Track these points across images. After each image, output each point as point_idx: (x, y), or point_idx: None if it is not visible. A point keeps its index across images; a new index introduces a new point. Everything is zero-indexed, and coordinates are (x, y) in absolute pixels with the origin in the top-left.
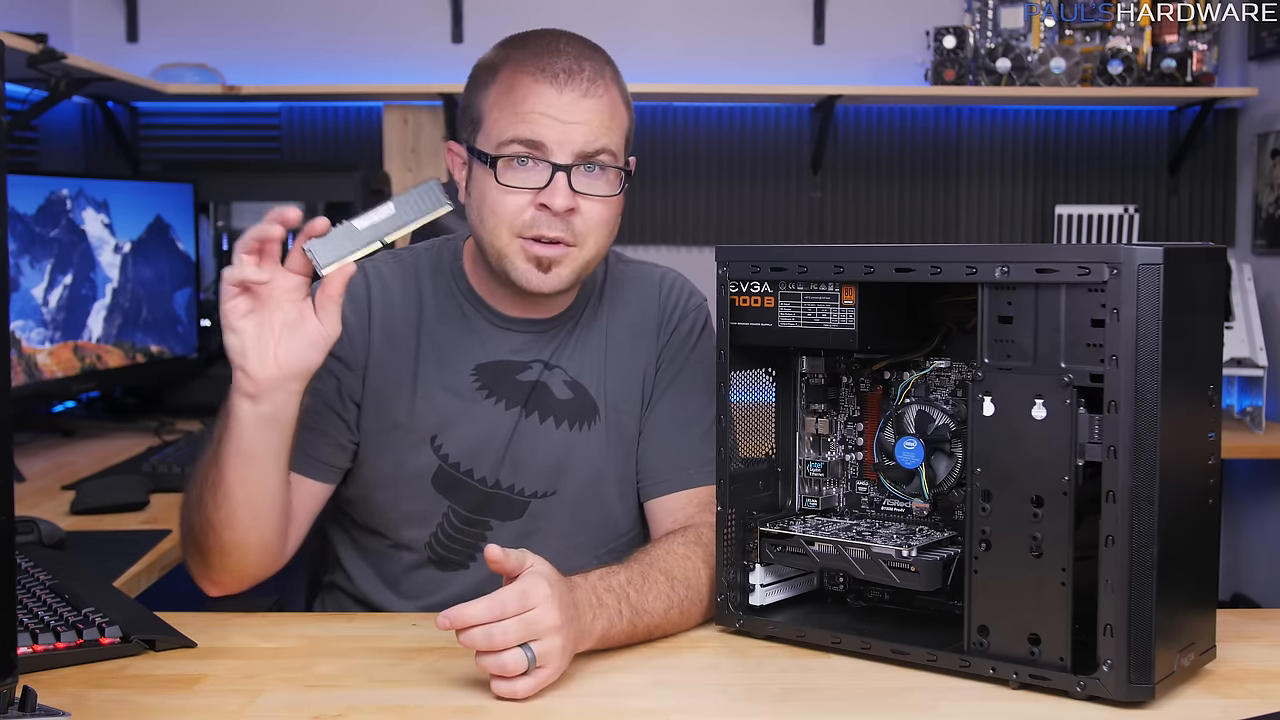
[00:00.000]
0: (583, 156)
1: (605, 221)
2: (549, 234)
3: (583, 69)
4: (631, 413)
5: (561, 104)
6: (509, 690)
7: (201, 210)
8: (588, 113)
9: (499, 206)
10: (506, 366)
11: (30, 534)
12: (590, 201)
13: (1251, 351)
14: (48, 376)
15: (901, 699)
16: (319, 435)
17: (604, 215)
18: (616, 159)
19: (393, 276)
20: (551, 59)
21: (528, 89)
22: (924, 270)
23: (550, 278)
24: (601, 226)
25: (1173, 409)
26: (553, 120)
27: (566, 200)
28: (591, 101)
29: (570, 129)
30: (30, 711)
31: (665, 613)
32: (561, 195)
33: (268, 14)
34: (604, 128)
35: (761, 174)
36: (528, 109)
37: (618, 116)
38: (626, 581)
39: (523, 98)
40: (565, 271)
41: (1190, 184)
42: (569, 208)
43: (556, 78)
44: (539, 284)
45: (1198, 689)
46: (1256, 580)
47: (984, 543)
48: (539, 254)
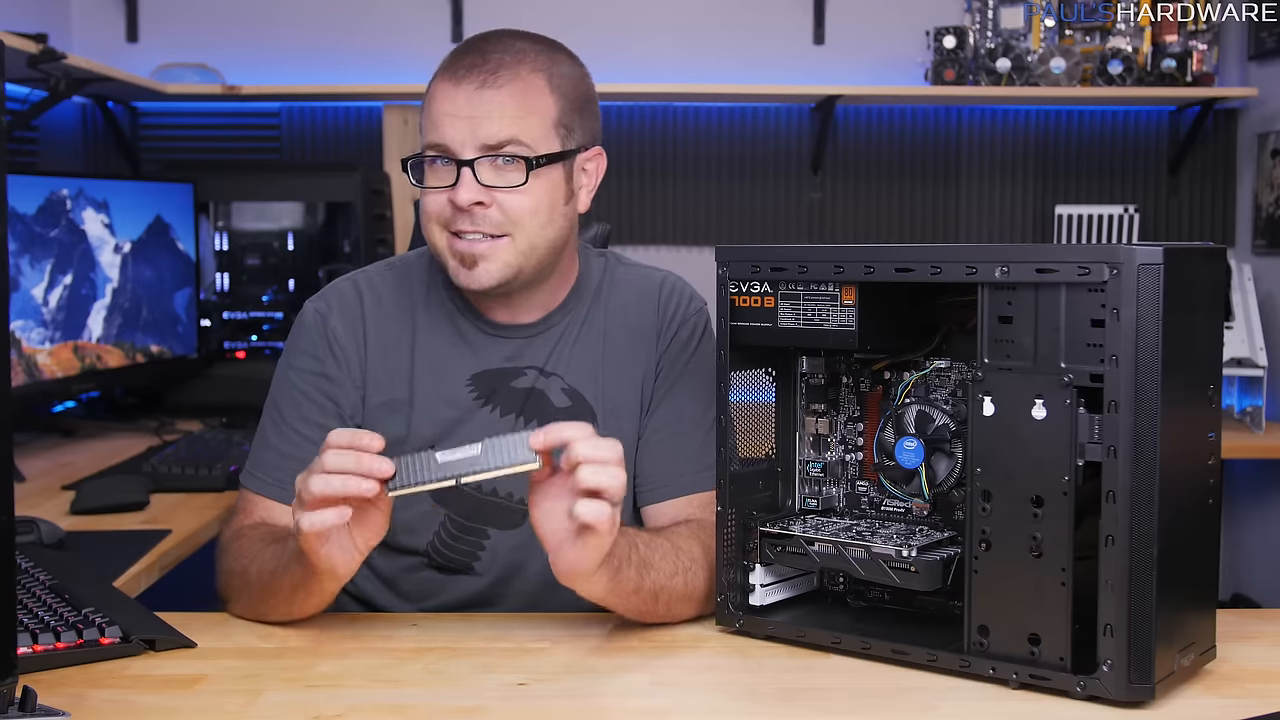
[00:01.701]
0: (487, 148)
1: (529, 211)
2: (465, 228)
3: (486, 61)
4: (630, 418)
5: (460, 99)
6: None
7: (201, 210)
8: (487, 104)
9: (425, 208)
10: (501, 374)
11: (30, 534)
12: (504, 193)
13: (1251, 351)
14: (48, 376)
15: (901, 699)
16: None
17: (525, 205)
18: (532, 148)
19: (385, 287)
20: (458, 58)
21: (434, 92)
22: (924, 270)
23: (478, 273)
24: (526, 217)
25: (1173, 409)
26: (453, 117)
27: (470, 194)
28: (491, 92)
29: (471, 123)
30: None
31: (670, 576)
32: (464, 189)
33: (268, 14)
34: (509, 117)
35: (761, 174)
36: (435, 111)
37: (533, 106)
38: (635, 533)
39: (431, 101)
40: (494, 266)
41: (1190, 184)
42: (475, 201)
43: (456, 74)
44: (466, 280)
45: (1198, 689)
46: (1256, 580)
47: (984, 543)
48: (461, 250)
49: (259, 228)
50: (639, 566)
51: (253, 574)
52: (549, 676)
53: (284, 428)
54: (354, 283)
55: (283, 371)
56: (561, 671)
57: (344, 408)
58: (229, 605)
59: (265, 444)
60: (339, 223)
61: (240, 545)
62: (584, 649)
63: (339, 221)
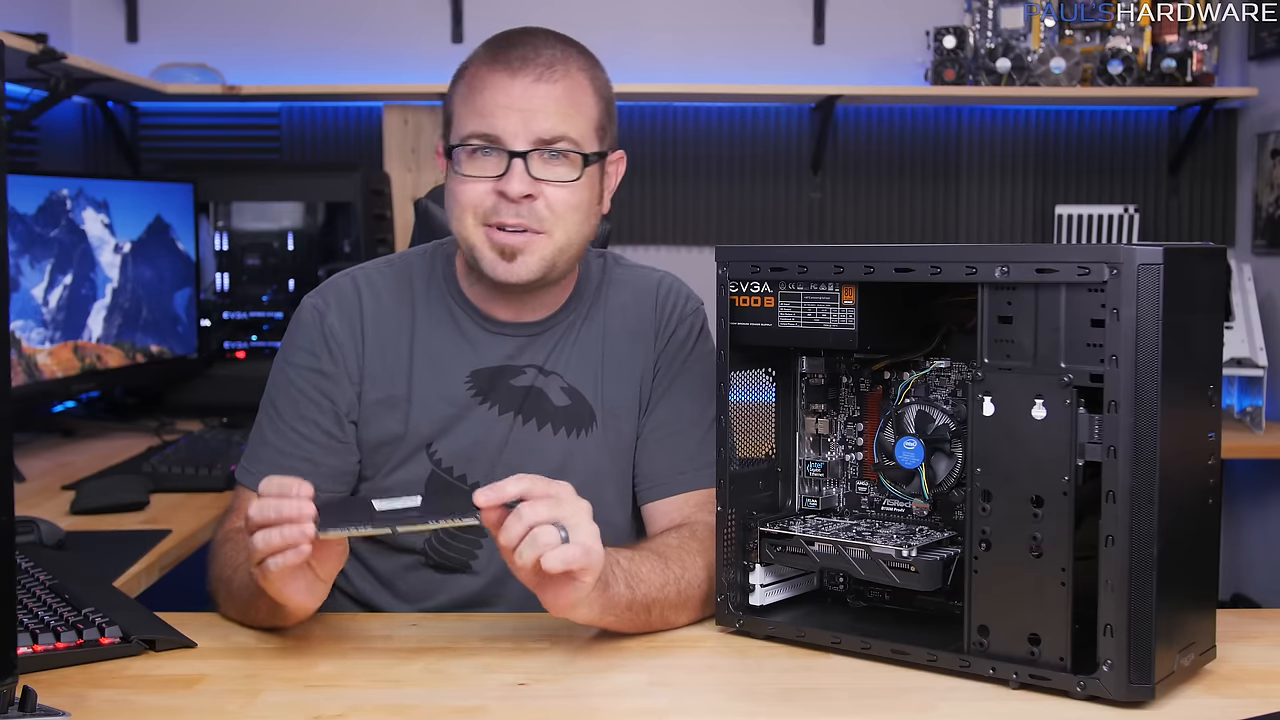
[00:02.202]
0: (541, 143)
1: (573, 208)
2: (510, 220)
3: (539, 55)
4: (629, 418)
5: (514, 91)
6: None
7: (201, 210)
8: (543, 98)
9: (461, 195)
10: (501, 372)
11: (30, 534)
12: (553, 187)
13: (1251, 351)
14: (48, 376)
15: (901, 699)
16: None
17: (570, 201)
18: (579, 146)
19: (384, 284)
20: (508, 49)
21: (484, 80)
22: (924, 270)
23: (516, 266)
24: (570, 213)
25: (1173, 409)
26: (506, 109)
27: (523, 186)
28: (546, 87)
29: (525, 115)
30: (30, 711)
31: (661, 586)
32: (517, 180)
33: (268, 14)
34: (562, 115)
35: (761, 174)
36: (484, 100)
37: (581, 105)
38: (615, 550)
39: (480, 89)
40: (532, 260)
41: (1190, 184)
42: (526, 193)
43: (510, 65)
44: (504, 273)
45: (1198, 689)
46: (1256, 580)
47: (984, 543)
48: (502, 242)
49: (259, 228)
50: (627, 581)
51: (235, 586)
52: (548, 676)
53: (280, 424)
54: (352, 279)
55: (279, 368)
56: (561, 671)
57: (340, 405)
58: (219, 609)
59: (262, 441)
60: (339, 223)
61: (226, 553)
62: (583, 648)
63: (339, 221)
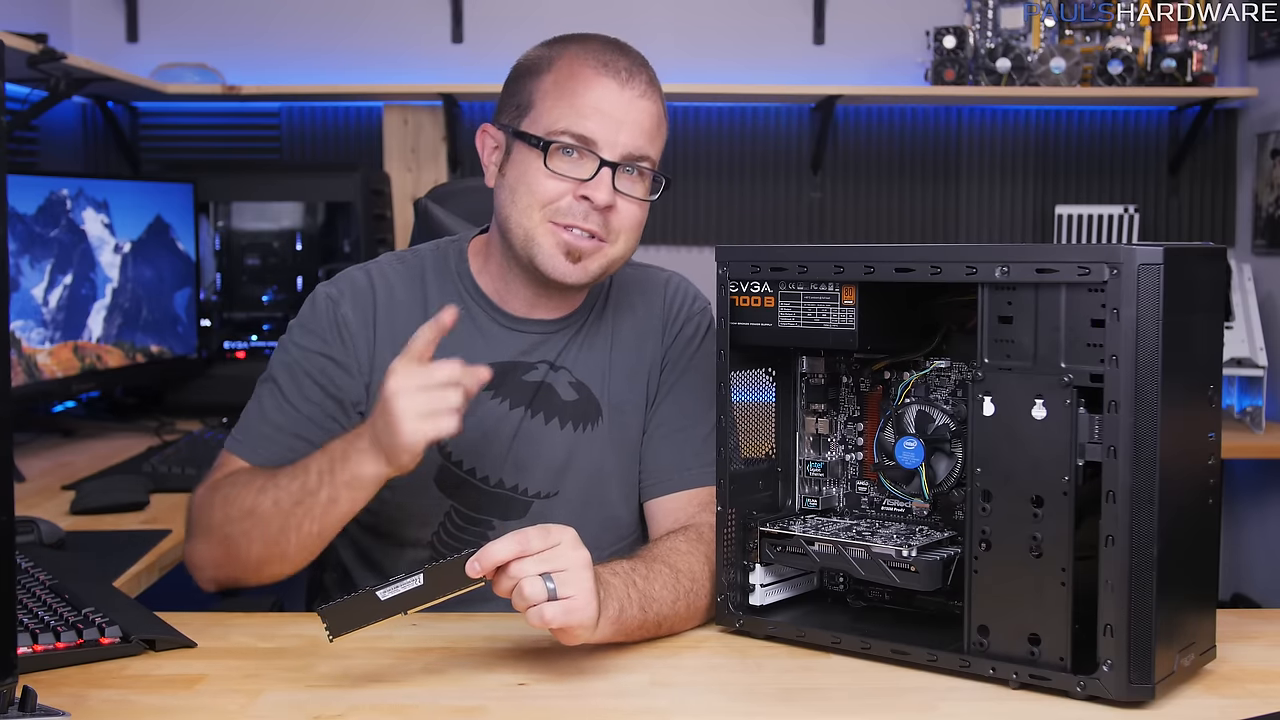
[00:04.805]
0: (629, 158)
1: (638, 224)
2: (585, 225)
3: (642, 72)
4: (635, 414)
5: (621, 101)
6: (537, 617)
7: (201, 210)
8: (642, 114)
9: (538, 188)
10: (513, 366)
11: (30, 534)
12: (628, 202)
13: (1251, 351)
14: (48, 376)
15: (901, 699)
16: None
17: (638, 217)
18: (655, 167)
19: (397, 278)
20: (615, 57)
21: (589, 80)
22: (924, 270)
23: (578, 269)
24: (634, 229)
25: (1173, 409)
26: (607, 116)
27: (608, 196)
28: (646, 104)
29: (623, 128)
30: (30, 711)
31: (673, 603)
32: (605, 190)
33: (268, 14)
34: (650, 135)
35: (761, 174)
36: (585, 101)
37: (662, 131)
38: (631, 569)
39: (584, 88)
40: (594, 266)
41: (1190, 184)
42: (609, 204)
43: (619, 74)
44: (564, 273)
45: (1198, 689)
46: (1256, 580)
47: (984, 543)
48: (571, 243)
49: (259, 228)
50: (641, 604)
51: (266, 507)
52: (549, 676)
53: (280, 400)
54: (366, 272)
55: (285, 347)
56: (561, 671)
57: (344, 393)
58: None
59: (261, 415)
60: (339, 223)
61: (232, 492)
62: (584, 648)
63: (339, 221)
